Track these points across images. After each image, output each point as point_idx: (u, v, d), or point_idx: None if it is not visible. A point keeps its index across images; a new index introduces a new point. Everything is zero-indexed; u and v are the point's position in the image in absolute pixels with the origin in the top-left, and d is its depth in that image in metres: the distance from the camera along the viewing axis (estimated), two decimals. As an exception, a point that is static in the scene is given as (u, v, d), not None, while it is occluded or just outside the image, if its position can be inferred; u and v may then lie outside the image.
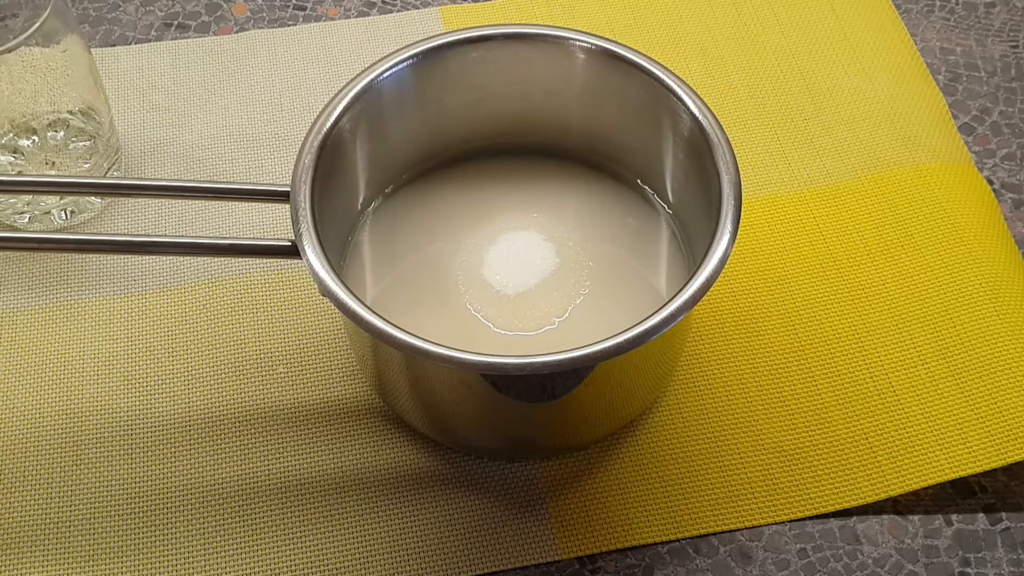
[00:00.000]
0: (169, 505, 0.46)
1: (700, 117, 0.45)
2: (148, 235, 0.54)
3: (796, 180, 0.56)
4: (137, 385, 0.50)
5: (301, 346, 0.51)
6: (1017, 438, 0.48)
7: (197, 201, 0.55)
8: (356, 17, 0.63)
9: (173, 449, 0.48)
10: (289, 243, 0.43)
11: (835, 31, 0.62)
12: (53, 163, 0.54)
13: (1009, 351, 0.50)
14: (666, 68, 0.47)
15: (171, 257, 0.53)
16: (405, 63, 0.47)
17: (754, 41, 0.61)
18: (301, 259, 0.42)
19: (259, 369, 0.50)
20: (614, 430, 0.48)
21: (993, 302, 0.51)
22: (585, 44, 0.48)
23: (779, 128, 0.58)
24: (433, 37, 0.48)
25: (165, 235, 0.54)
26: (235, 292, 0.52)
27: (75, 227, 0.54)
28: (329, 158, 0.45)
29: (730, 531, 0.46)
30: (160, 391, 0.49)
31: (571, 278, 0.49)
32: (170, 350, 0.50)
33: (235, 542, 0.46)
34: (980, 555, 0.46)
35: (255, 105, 0.59)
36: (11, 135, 0.53)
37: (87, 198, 0.54)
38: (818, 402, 0.49)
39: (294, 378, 0.50)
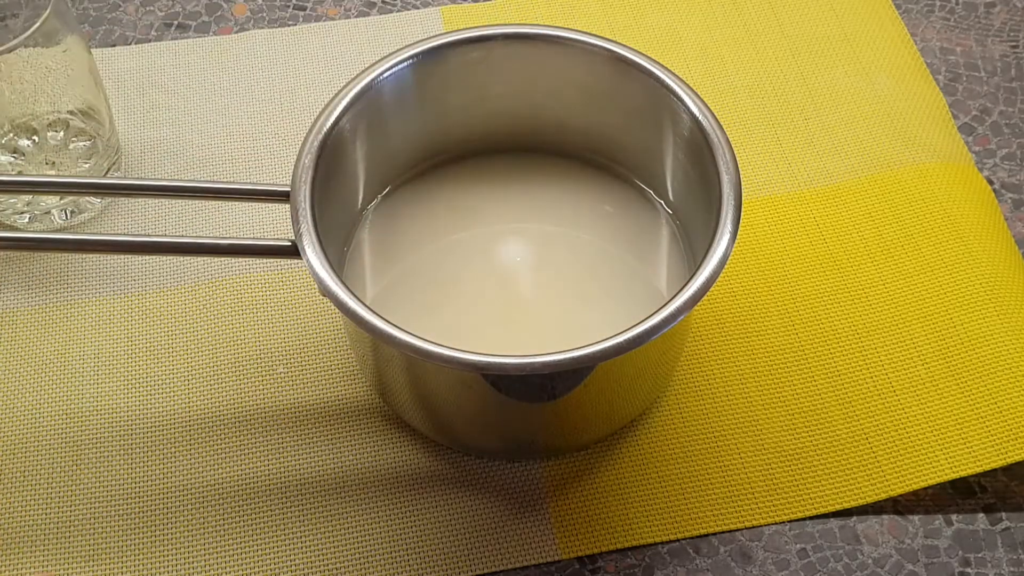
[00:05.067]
0: (169, 505, 0.46)
1: (700, 117, 0.45)
2: (148, 235, 0.54)
3: (796, 180, 0.56)
4: (137, 385, 0.50)
5: (301, 346, 0.51)
6: (1017, 438, 0.48)
7: (197, 201, 0.55)
8: (356, 17, 0.63)
9: (173, 449, 0.48)
10: (289, 243, 0.43)
11: (835, 31, 0.62)
12: (53, 163, 0.54)
13: (1009, 351, 0.50)
14: (666, 68, 0.47)
15: (171, 257, 0.53)
16: (405, 63, 0.47)
17: (754, 41, 0.61)
18: (301, 259, 0.42)
19: (259, 369, 0.50)
20: (614, 430, 0.48)
21: (993, 302, 0.51)
22: (585, 44, 0.48)
23: (779, 128, 0.58)
24: (433, 37, 0.48)
25: (165, 235, 0.54)
26: (235, 292, 0.52)
27: (75, 227, 0.54)
28: (329, 158, 0.45)
29: (730, 531, 0.46)
30: (160, 391, 0.49)
31: (571, 277, 0.49)
32: (170, 350, 0.51)
33: (235, 542, 0.46)
34: (980, 555, 0.46)
35: (255, 105, 0.59)
36: (11, 135, 0.53)
37: (87, 198, 0.54)
38: (818, 402, 0.49)
39: (294, 378, 0.50)
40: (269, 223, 0.55)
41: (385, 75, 0.47)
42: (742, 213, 0.43)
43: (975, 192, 0.55)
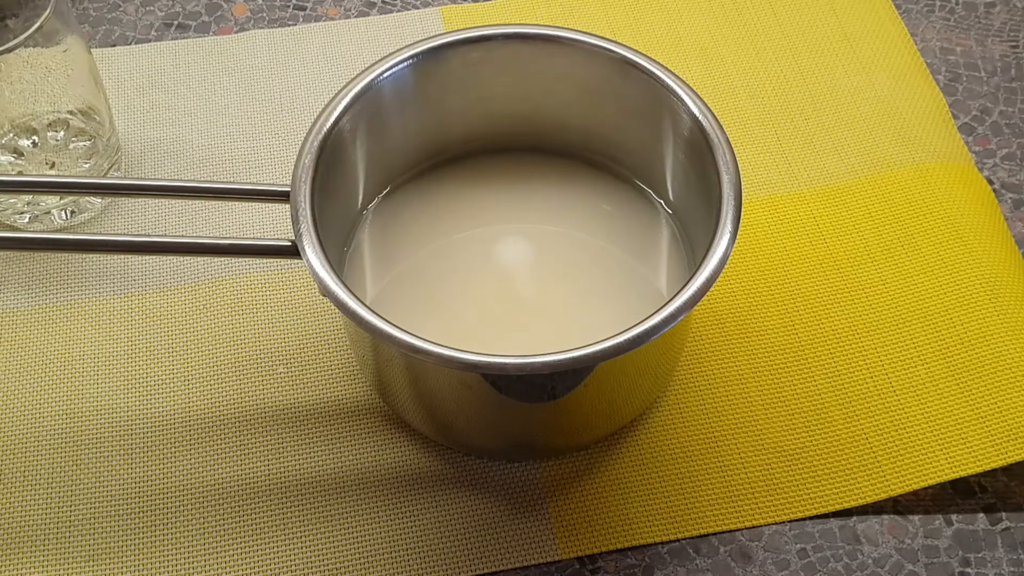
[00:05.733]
0: (169, 505, 0.46)
1: (700, 117, 0.45)
2: (148, 235, 0.54)
3: (796, 180, 0.56)
4: (137, 385, 0.50)
5: (301, 346, 0.51)
6: (1017, 438, 0.48)
7: (197, 201, 0.55)
8: (356, 17, 0.63)
9: (173, 449, 0.48)
10: (289, 243, 0.43)
11: (835, 31, 0.62)
12: (53, 163, 0.54)
13: (1009, 351, 0.50)
14: (666, 68, 0.47)
15: (171, 257, 0.53)
16: (405, 63, 0.47)
17: (754, 41, 0.62)
18: (301, 259, 0.42)
19: (259, 369, 0.50)
20: (614, 430, 0.48)
21: (993, 302, 0.51)
22: (585, 44, 0.48)
23: (779, 128, 0.58)
24: (433, 37, 0.48)
25: (165, 235, 0.54)
26: (235, 292, 0.52)
27: (75, 227, 0.54)
28: (329, 158, 0.45)
29: (730, 531, 0.46)
30: (160, 391, 0.49)
31: (571, 277, 0.49)
32: (170, 350, 0.51)
33: (235, 542, 0.46)
34: (980, 555, 0.46)
35: (255, 105, 0.59)
36: (11, 135, 0.53)
37: (87, 198, 0.54)
38: (818, 402, 0.49)
39: (294, 378, 0.50)
40: (269, 223, 0.55)
41: (385, 75, 0.47)
42: (742, 213, 0.43)
43: (975, 192, 0.55)
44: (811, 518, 0.47)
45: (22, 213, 0.53)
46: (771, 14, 0.63)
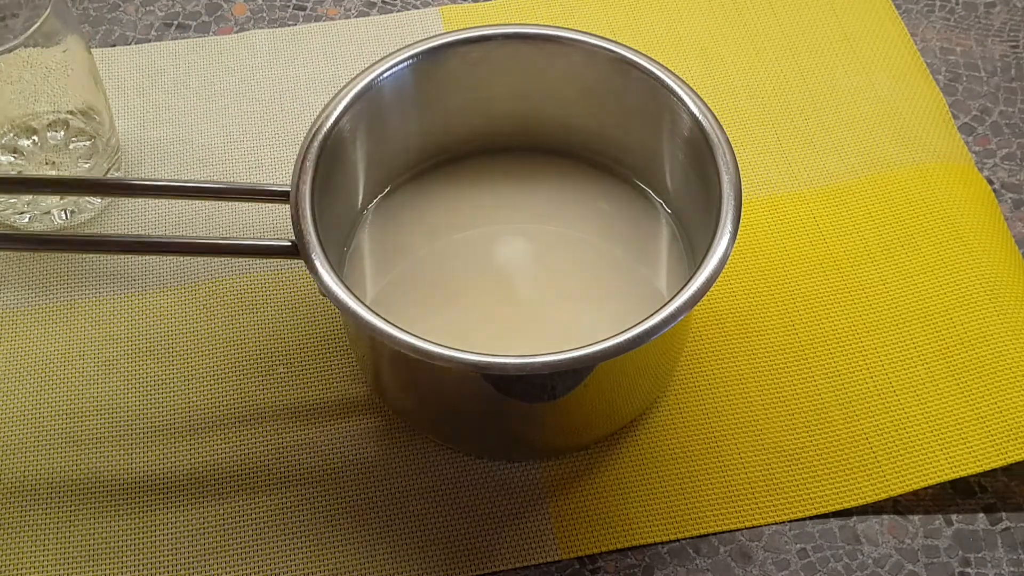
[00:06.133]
0: (169, 505, 0.46)
1: (700, 117, 0.45)
2: (148, 235, 0.54)
3: (796, 180, 0.56)
4: (137, 385, 0.50)
5: (301, 346, 0.51)
6: (1017, 438, 0.48)
7: (197, 201, 0.55)
8: (356, 17, 0.63)
9: (173, 449, 0.48)
10: (289, 243, 0.43)
11: (835, 31, 0.62)
12: (53, 163, 0.54)
13: (1009, 351, 0.50)
14: (666, 68, 0.47)
15: (171, 257, 0.53)
16: (405, 63, 0.47)
17: (754, 41, 0.62)
18: (301, 259, 0.42)
19: (259, 369, 0.50)
20: (614, 430, 0.48)
21: (993, 302, 0.51)
22: (585, 44, 0.48)
23: (779, 128, 0.58)
24: (433, 37, 0.48)
25: (165, 235, 0.54)
26: (235, 292, 0.52)
27: (75, 227, 0.54)
28: (329, 158, 0.45)
29: (730, 531, 0.46)
30: (160, 391, 0.49)
31: (571, 277, 0.49)
32: (170, 350, 0.51)
33: (235, 542, 0.46)
34: (980, 555, 0.46)
35: (255, 105, 0.59)
36: (11, 135, 0.53)
37: (87, 198, 0.54)
38: (818, 402, 0.49)
39: (294, 378, 0.50)
40: (269, 223, 0.55)
41: (385, 75, 0.47)
42: (742, 213, 0.43)
43: (975, 192, 0.55)
44: (811, 518, 0.47)
45: (22, 213, 0.53)
46: (771, 14, 0.63)
